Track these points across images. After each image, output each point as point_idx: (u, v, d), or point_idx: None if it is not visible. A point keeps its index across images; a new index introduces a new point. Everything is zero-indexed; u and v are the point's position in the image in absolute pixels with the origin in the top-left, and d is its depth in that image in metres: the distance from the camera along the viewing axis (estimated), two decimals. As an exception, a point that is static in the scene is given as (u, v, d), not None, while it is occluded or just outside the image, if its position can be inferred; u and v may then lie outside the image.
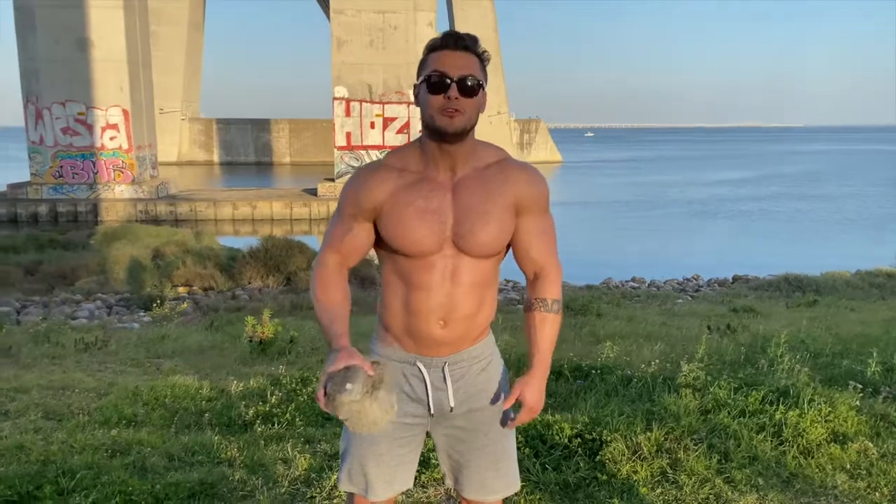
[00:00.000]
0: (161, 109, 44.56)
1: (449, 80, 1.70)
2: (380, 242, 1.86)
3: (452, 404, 1.89)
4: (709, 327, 7.25)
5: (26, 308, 10.73)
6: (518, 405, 1.88)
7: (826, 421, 3.66)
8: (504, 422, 1.94)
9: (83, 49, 25.17)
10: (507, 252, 1.92)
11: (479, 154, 1.84)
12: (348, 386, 1.66)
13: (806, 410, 3.70)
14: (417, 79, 1.77)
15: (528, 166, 1.90)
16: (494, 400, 1.92)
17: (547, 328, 1.88)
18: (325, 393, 1.68)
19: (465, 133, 1.75)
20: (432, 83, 1.71)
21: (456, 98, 1.70)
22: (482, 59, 1.78)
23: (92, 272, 13.56)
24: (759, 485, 3.16)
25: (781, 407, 3.76)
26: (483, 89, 1.76)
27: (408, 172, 1.82)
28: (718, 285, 13.76)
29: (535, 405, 1.86)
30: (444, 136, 1.74)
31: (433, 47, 1.76)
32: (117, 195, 25.84)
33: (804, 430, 3.54)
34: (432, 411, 1.90)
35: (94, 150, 25.84)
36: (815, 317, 8.33)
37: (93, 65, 25.32)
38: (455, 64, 1.72)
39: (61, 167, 25.76)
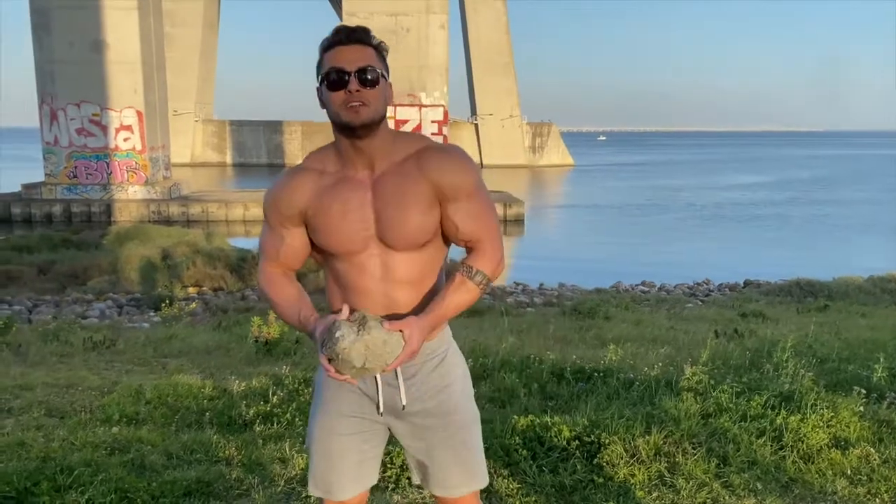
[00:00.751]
0: (175, 111, 44.88)
1: (347, 75, 1.67)
2: (313, 245, 1.85)
3: (405, 402, 1.86)
4: (716, 332, 7.20)
5: (38, 307, 10.84)
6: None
7: (828, 426, 3.62)
8: (458, 411, 1.90)
9: (98, 51, 25.41)
10: (449, 244, 1.88)
11: (398, 147, 1.80)
12: (337, 334, 1.67)
13: (808, 415, 3.66)
14: (317, 80, 1.73)
15: (450, 152, 1.83)
16: (451, 392, 1.89)
17: (460, 293, 1.80)
18: (329, 361, 1.69)
19: (373, 125, 1.71)
20: (331, 80, 1.69)
21: (357, 91, 1.67)
22: (379, 49, 1.74)
23: (104, 272, 13.68)
24: (757, 489, 3.14)
25: (783, 412, 3.73)
26: (385, 79, 1.73)
27: (327, 174, 1.80)
28: (729, 290, 13.68)
29: (413, 348, 1.75)
30: (352, 130, 1.70)
31: (327, 45, 1.72)
32: (130, 196, 26.05)
33: (805, 435, 3.51)
34: (381, 410, 1.87)
35: (108, 151, 26.06)
36: (825, 322, 8.26)
37: (107, 66, 25.56)
38: (350, 58, 1.69)
39: (75, 168, 26.00)
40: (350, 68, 1.68)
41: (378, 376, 1.84)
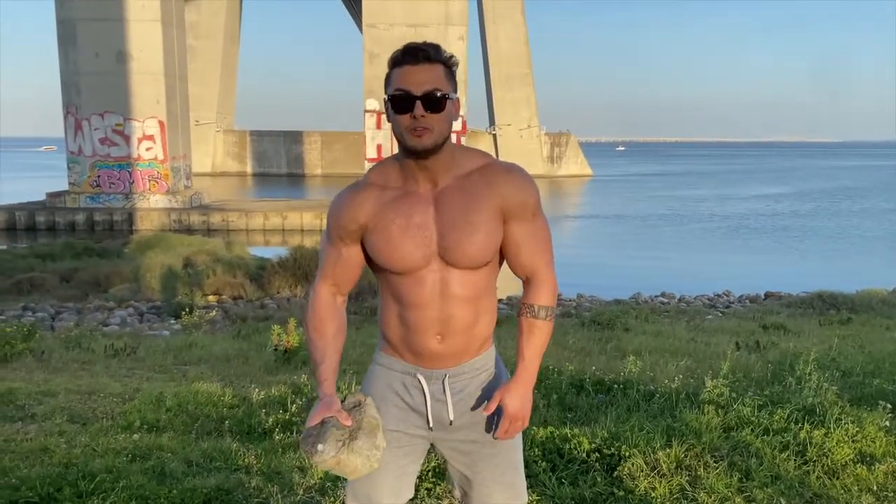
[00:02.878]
0: (196, 121, 45.41)
1: (413, 98, 1.65)
2: (370, 260, 1.85)
3: (452, 417, 1.85)
4: (737, 344, 7.13)
5: (61, 314, 10.96)
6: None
7: (853, 441, 3.56)
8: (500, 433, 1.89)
9: (122, 62, 25.80)
10: (502, 261, 1.88)
11: (460, 162, 1.79)
12: (319, 447, 1.68)
13: (832, 430, 3.61)
14: (384, 93, 1.72)
15: (515, 169, 1.82)
16: (494, 414, 1.88)
17: (534, 335, 1.84)
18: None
19: (436, 148, 1.71)
20: (397, 103, 1.67)
21: (422, 115, 1.65)
22: (448, 65, 1.72)
23: (125, 280, 13.82)
24: (780, 505, 3.09)
25: (807, 426, 3.68)
26: (450, 99, 1.70)
27: (389, 189, 1.79)
28: (750, 301, 13.53)
29: (516, 413, 1.81)
30: (416, 153, 1.71)
31: (396, 62, 1.70)
32: (152, 205, 26.35)
33: (829, 450, 3.45)
34: (431, 424, 1.87)
35: (131, 161, 26.41)
36: (848, 335, 8.15)
37: (131, 77, 25.94)
38: (417, 80, 1.66)
39: (98, 177, 26.36)
40: (416, 92, 1.65)
41: (426, 390, 1.84)
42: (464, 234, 1.74)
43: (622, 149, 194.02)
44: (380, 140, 26.27)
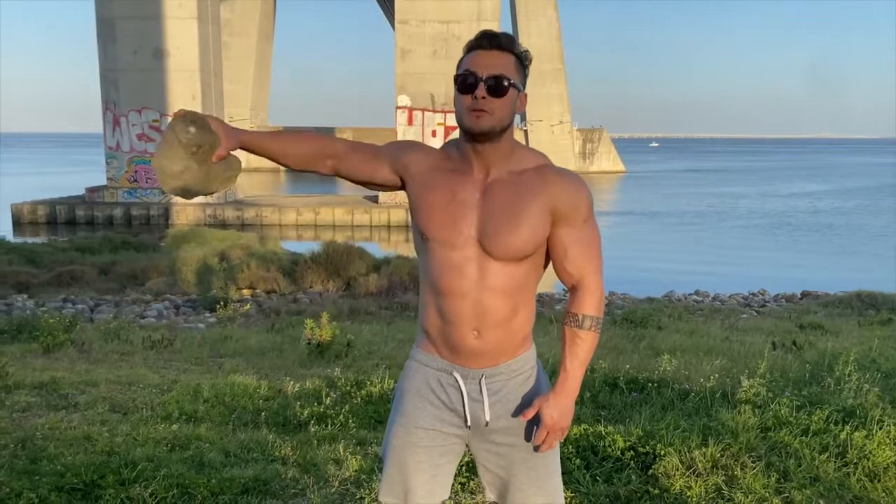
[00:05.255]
0: (231, 117, 45.94)
1: (477, 79, 1.68)
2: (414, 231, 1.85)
3: (488, 418, 1.83)
4: (773, 343, 7.02)
5: (99, 307, 11.19)
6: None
7: (895, 443, 3.49)
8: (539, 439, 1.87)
9: (159, 59, 26.24)
10: (547, 263, 1.86)
11: (518, 158, 1.80)
12: (191, 129, 1.68)
13: (874, 432, 3.54)
14: (455, 77, 1.75)
15: (570, 173, 1.82)
16: (532, 420, 1.85)
17: (577, 346, 1.81)
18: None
19: (493, 133, 1.71)
20: (462, 83, 1.70)
21: (483, 98, 1.67)
22: (521, 58, 1.74)
23: (161, 273, 14.07)
24: (820, 507, 3.04)
25: (847, 427, 3.61)
26: (516, 89, 1.72)
27: (449, 162, 1.82)
28: (786, 301, 13.31)
29: (554, 423, 1.79)
30: (473, 135, 1.72)
31: (469, 47, 1.74)
32: (187, 200, 26.74)
33: (871, 452, 3.39)
34: (469, 423, 1.85)
35: (167, 156, 26.80)
36: (889, 336, 7.96)
37: (168, 74, 26.38)
38: (486, 63, 1.69)
39: (136, 172, 26.85)
40: (482, 74, 1.68)
41: (463, 389, 1.83)
42: (507, 224, 1.74)
43: (656, 145, 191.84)
44: (411, 136, 26.30)
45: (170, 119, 1.73)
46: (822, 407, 3.87)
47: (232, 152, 1.76)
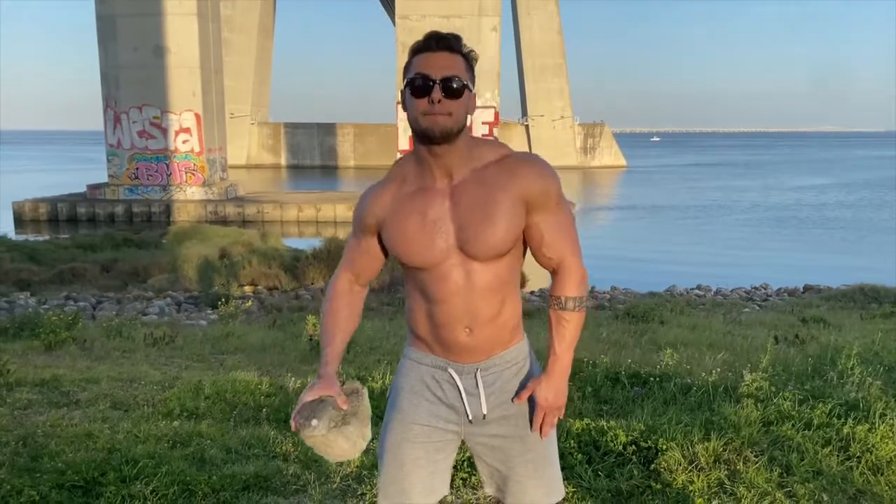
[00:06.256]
0: (231, 114, 45.94)
1: (432, 82, 1.66)
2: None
3: (485, 411, 1.84)
4: (776, 337, 7.01)
5: (101, 304, 11.20)
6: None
7: (898, 437, 3.48)
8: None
9: (160, 56, 26.24)
10: (526, 251, 1.86)
11: (477, 154, 1.77)
12: (313, 422, 1.70)
13: (877, 425, 3.52)
14: (403, 82, 1.72)
15: (535, 159, 1.80)
16: (528, 406, 1.87)
17: (563, 327, 1.81)
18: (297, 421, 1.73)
19: (451, 135, 1.69)
20: (415, 86, 1.67)
21: (440, 101, 1.65)
22: (468, 58, 1.73)
23: (163, 270, 14.08)
24: (822, 500, 3.03)
25: (850, 421, 3.60)
26: (469, 90, 1.70)
27: (407, 183, 1.80)
28: (788, 294, 13.29)
29: (549, 404, 1.82)
30: (430, 139, 1.69)
31: (416, 49, 1.72)
32: (189, 196, 26.77)
33: (874, 446, 3.37)
34: (470, 417, 1.85)
35: (168, 153, 26.87)
36: (892, 329, 7.94)
37: (168, 71, 26.38)
38: (438, 65, 1.67)
39: (137, 169, 26.88)
40: (435, 76, 1.66)
41: (460, 384, 1.84)
42: (483, 225, 1.72)
43: (657, 139, 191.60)
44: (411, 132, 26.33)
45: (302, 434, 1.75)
46: (825, 401, 3.86)
47: (343, 384, 1.83)
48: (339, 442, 1.73)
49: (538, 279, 12.18)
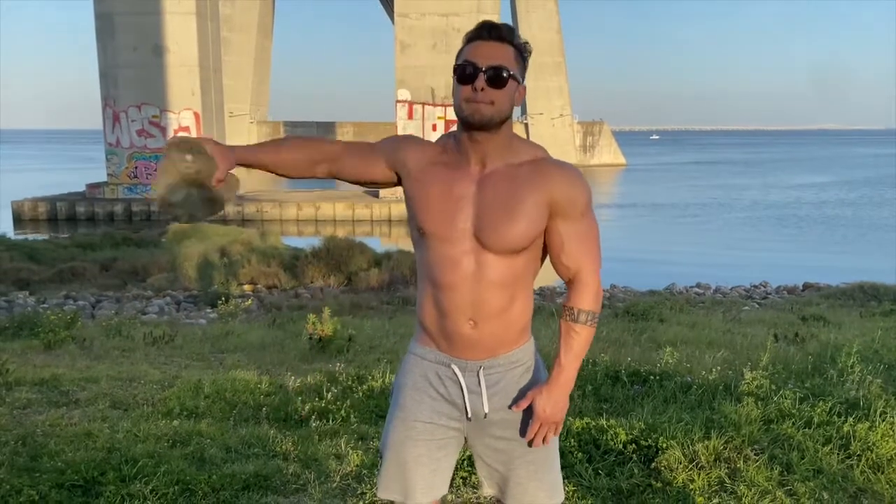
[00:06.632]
0: (231, 112, 45.89)
1: (477, 70, 1.67)
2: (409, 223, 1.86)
3: (486, 410, 1.82)
4: (775, 335, 7.01)
5: (101, 303, 11.20)
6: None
7: (898, 435, 3.47)
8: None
9: (158, 55, 26.21)
10: (545, 256, 1.85)
11: (515, 150, 1.78)
12: (188, 157, 1.72)
13: (877, 423, 3.52)
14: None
15: (568, 166, 1.81)
16: (529, 416, 1.85)
17: (572, 339, 1.80)
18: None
19: (492, 124, 1.70)
20: (461, 73, 1.69)
21: (482, 89, 1.66)
22: (520, 49, 1.73)
23: (163, 269, 14.07)
24: (823, 499, 3.03)
25: (850, 419, 3.60)
26: (515, 80, 1.71)
27: (445, 154, 1.81)
28: (787, 293, 13.30)
29: (547, 417, 1.79)
30: (470, 125, 1.70)
31: (469, 38, 1.73)
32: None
33: (874, 444, 3.37)
34: (469, 415, 1.84)
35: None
36: (892, 327, 7.94)
37: (167, 70, 26.35)
38: (486, 54, 1.68)
39: (136, 168, 26.86)
40: (482, 64, 1.67)
41: (462, 381, 1.82)
42: (503, 218, 1.72)
43: (656, 137, 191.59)
44: (411, 130, 26.27)
45: (166, 144, 1.77)
46: (825, 399, 3.86)
47: (229, 171, 1.77)
48: (175, 183, 1.73)
49: (538, 278, 12.17)
